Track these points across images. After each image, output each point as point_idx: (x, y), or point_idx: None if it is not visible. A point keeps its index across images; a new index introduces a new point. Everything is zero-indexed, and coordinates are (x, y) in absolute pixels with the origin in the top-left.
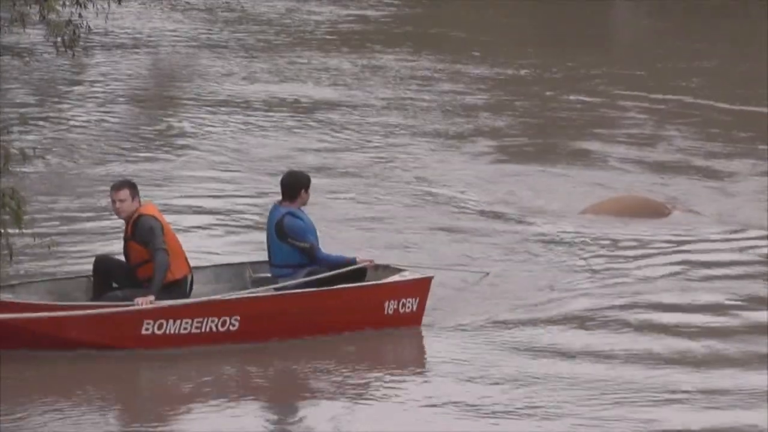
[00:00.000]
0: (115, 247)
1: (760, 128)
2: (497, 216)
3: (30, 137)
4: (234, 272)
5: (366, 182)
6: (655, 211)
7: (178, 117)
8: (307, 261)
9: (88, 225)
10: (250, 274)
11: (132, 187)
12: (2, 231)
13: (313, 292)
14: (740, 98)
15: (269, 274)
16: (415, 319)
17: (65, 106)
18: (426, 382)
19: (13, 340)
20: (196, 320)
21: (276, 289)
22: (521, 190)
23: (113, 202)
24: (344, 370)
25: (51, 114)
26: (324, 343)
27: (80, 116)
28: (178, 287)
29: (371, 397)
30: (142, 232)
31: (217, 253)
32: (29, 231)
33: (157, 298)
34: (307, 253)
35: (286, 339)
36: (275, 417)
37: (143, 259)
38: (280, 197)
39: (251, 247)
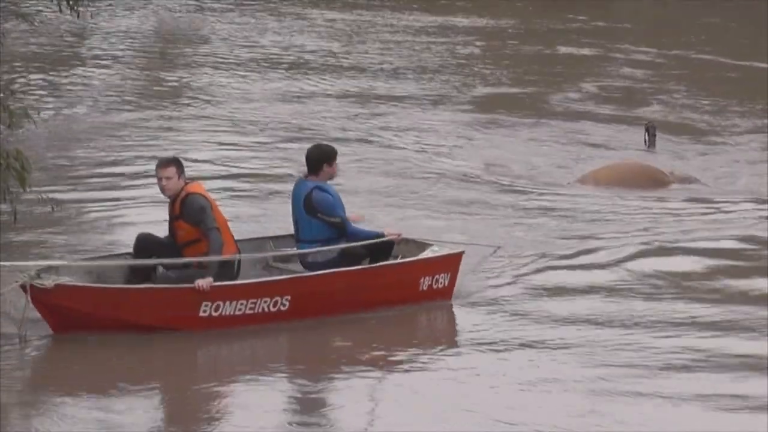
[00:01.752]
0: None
1: (761, 85)
2: (496, 184)
3: (34, 97)
4: (255, 247)
5: (361, 150)
6: (655, 179)
7: (182, 73)
8: (336, 236)
9: (95, 185)
10: (272, 249)
11: (178, 164)
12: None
13: (358, 270)
14: (742, 53)
15: (292, 248)
16: (446, 293)
17: (70, 65)
18: (463, 354)
19: (69, 322)
20: (250, 301)
21: (305, 264)
22: (516, 154)
23: (159, 179)
24: (383, 346)
25: (55, 74)
26: (360, 320)
27: (85, 75)
28: (228, 267)
29: (410, 369)
30: (192, 212)
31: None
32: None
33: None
34: (338, 228)
35: (329, 316)
36: (315, 393)
37: (191, 239)
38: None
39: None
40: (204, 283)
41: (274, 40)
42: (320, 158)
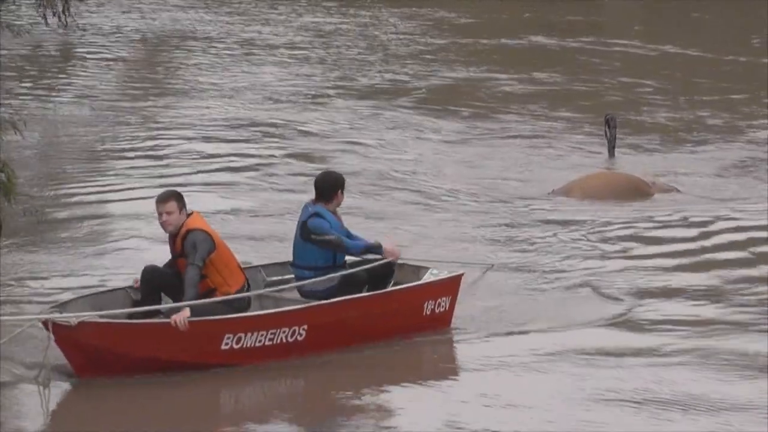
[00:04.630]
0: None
1: (745, 84)
2: (474, 197)
3: (21, 107)
4: (248, 276)
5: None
6: (638, 189)
7: (171, 76)
8: (331, 262)
9: (85, 194)
10: (264, 278)
11: (178, 198)
12: None
13: (371, 296)
14: (724, 50)
15: (282, 276)
16: (446, 318)
17: (58, 74)
18: (467, 378)
19: (92, 362)
20: (270, 332)
21: (303, 292)
22: (493, 166)
23: (159, 215)
24: (383, 381)
25: (44, 83)
26: (362, 354)
27: (72, 81)
28: (241, 299)
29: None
30: (187, 247)
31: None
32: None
33: (219, 312)
34: (334, 246)
35: (345, 347)
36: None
37: None
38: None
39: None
40: (179, 318)
41: (249, 36)
42: (335, 186)
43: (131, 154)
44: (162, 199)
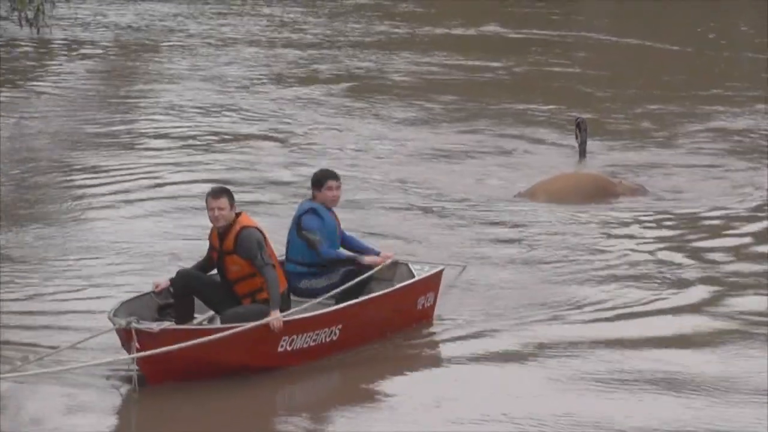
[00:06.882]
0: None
1: (711, 78)
2: (443, 202)
3: None
4: None
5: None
6: (605, 189)
7: (141, 83)
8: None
9: (62, 197)
10: None
11: (230, 194)
12: None
13: (390, 293)
14: (692, 44)
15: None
16: (430, 313)
17: (27, 80)
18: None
19: (167, 370)
20: (315, 332)
21: (297, 291)
22: (457, 168)
23: (212, 210)
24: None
25: (18, 74)
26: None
27: (46, 88)
28: (285, 301)
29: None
30: (250, 246)
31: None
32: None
33: (264, 315)
34: (311, 246)
35: (362, 345)
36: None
37: (245, 274)
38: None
39: None
40: (278, 323)
41: (221, 27)
42: (313, 181)
43: (108, 141)
44: (215, 196)
